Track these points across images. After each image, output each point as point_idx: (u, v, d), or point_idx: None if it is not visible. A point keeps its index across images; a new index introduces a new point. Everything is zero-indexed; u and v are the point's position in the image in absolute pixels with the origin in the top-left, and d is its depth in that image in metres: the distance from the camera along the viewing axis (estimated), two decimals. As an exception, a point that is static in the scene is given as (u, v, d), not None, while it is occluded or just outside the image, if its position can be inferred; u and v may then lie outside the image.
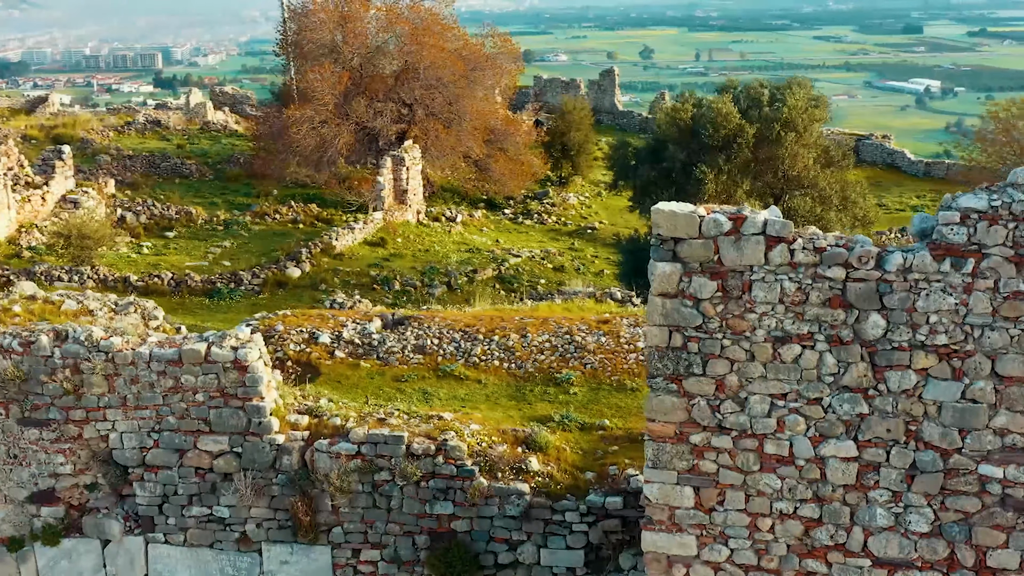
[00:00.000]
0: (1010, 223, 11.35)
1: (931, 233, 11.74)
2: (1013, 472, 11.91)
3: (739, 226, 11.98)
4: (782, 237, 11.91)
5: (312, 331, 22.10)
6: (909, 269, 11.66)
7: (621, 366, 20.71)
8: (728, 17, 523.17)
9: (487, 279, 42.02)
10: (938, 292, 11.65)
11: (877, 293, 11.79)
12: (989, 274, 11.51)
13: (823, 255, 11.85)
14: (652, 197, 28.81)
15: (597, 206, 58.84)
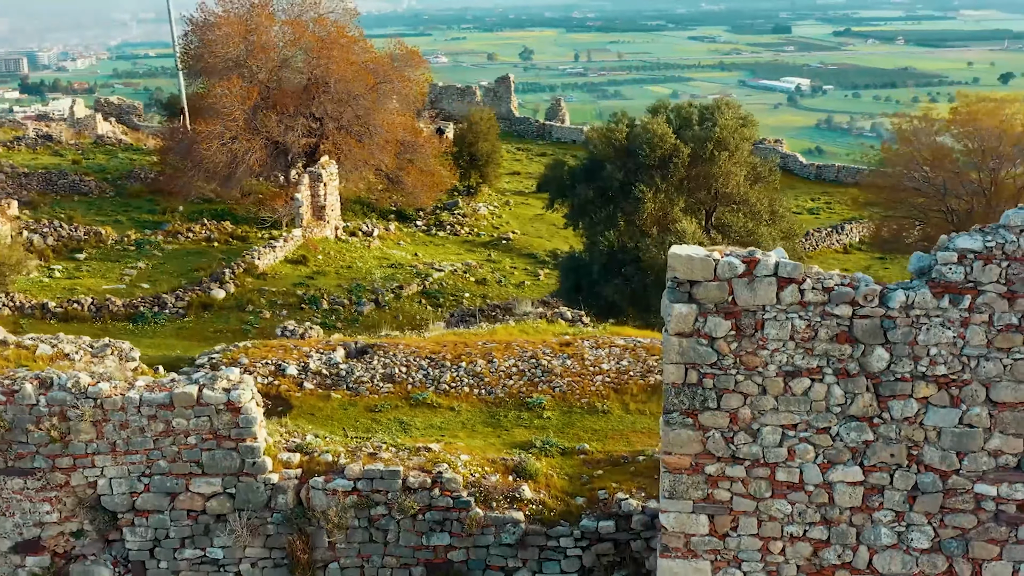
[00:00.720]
0: (1003, 262, 12.32)
1: (928, 271, 12.64)
2: (1006, 490, 12.90)
3: (752, 268, 12.67)
4: (793, 278, 12.65)
5: (278, 363, 22.12)
6: (911, 305, 12.53)
7: (589, 388, 21.32)
8: (605, 18, 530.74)
9: (413, 295, 42.29)
10: (938, 326, 12.56)
11: (881, 328, 12.63)
12: (984, 309, 12.46)
13: (831, 294, 12.64)
14: (591, 216, 29.60)
15: (507, 215, 59.56)
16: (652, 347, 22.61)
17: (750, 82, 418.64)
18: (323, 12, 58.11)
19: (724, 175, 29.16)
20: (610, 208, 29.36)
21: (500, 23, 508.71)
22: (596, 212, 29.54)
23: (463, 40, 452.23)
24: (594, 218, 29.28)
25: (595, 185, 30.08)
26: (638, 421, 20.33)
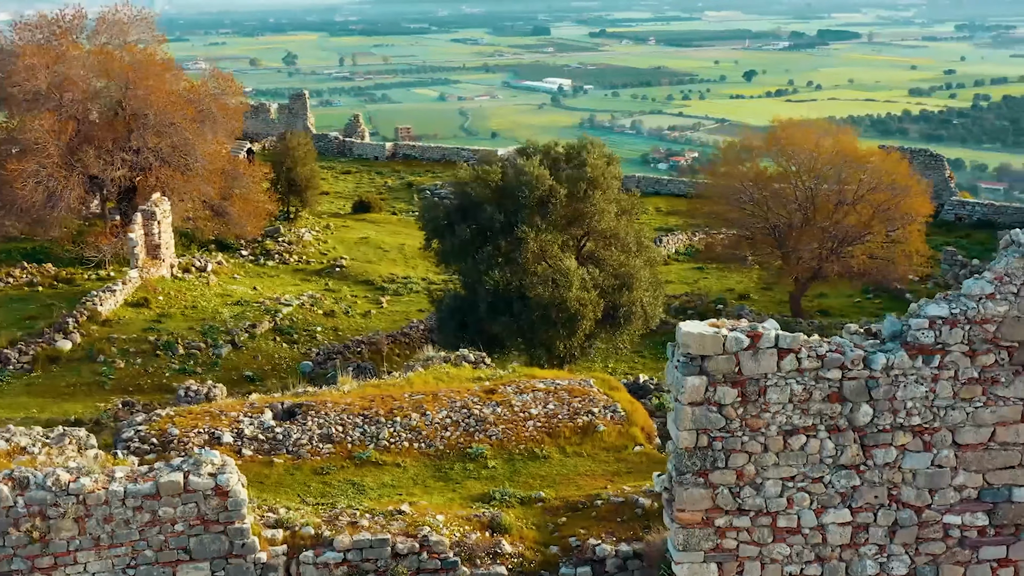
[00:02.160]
0: (965, 325, 14.32)
1: (900, 335, 14.52)
2: (969, 518, 14.97)
3: (756, 342, 14.15)
4: (791, 348, 14.23)
5: (211, 431, 22.05)
6: (891, 367, 14.36)
7: (523, 435, 22.42)
8: (367, 21, 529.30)
9: (266, 332, 42.05)
10: (913, 383, 14.45)
11: (866, 387, 14.41)
12: (951, 366, 14.44)
13: (824, 360, 14.30)
14: (474, 256, 30.60)
15: (332, 240, 59.55)
16: (572, 388, 23.93)
17: (514, 83, 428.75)
18: (131, 40, 56.42)
19: (599, 212, 30.86)
20: (489, 248, 30.46)
21: (260, 27, 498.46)
22: (476, 252, 30.57)
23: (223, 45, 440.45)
24: (476, 257, 30.31)
25: (473, 225, 31.09)
26: (580, 464, 21.58)
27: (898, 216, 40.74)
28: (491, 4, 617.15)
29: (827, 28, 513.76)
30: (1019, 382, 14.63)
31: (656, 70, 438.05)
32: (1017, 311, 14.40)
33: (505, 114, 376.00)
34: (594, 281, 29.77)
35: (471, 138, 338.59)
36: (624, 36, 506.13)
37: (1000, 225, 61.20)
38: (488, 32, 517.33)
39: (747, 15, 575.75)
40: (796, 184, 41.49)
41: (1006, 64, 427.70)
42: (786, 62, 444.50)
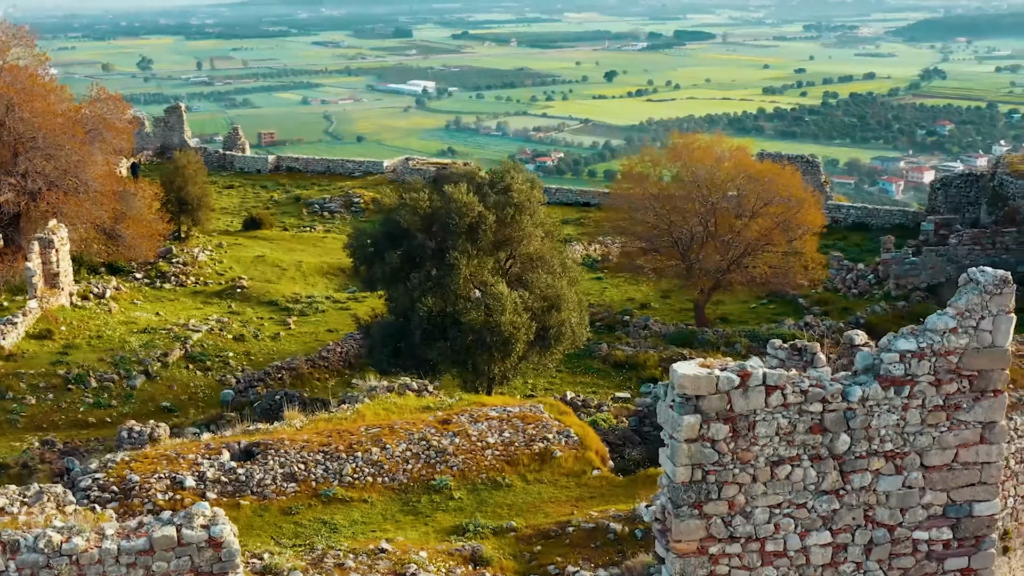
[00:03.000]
0: (932, 357, 15.57)
1: (872, 368, 15.69)
2: (935, 533, 16.26)
3: (746, 380, 15.10)
4: (778, 385, 15.22)
5: (171, 475, 21.95)
6: (866, 398, 15.51)
7: (483, 464, 23.00)
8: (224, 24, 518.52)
9: (178, 361, 41.49)
10: (885, 412, 15.63)
11: (844, 418, 15.52)
12: (919, 395, 15.67)
13: (807, 395, 15.35)
14: (405, 283, 30.94)
15: (227, 259, 58.77)
16: (524, 415, 24.62)
17: (378, 86, 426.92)
18: (10, 59, 54.61)
19: (526, 236, 31.62)
20: (421, 275, 30.88)
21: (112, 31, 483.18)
22: (407, 279, 30.94)
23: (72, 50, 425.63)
24: (409, 285, 30.67)
25: (402, 251, 31.44)
26: (543, 491, 22.28)
27: (795, 227, 42.77)
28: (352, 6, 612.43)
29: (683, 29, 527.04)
30: (978, 407, 15.97)
31: (519, 71, 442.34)
32: (976, 342, 15.71)
33: (370, 117, 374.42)
34: (525, 304, 30.51)
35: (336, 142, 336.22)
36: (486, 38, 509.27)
37: (873, 227, 64.53)
38: (349, 34, 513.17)
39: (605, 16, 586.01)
40: (698, 199, 43.05)
41: (851, 62, 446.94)
42: (645, 62, 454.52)
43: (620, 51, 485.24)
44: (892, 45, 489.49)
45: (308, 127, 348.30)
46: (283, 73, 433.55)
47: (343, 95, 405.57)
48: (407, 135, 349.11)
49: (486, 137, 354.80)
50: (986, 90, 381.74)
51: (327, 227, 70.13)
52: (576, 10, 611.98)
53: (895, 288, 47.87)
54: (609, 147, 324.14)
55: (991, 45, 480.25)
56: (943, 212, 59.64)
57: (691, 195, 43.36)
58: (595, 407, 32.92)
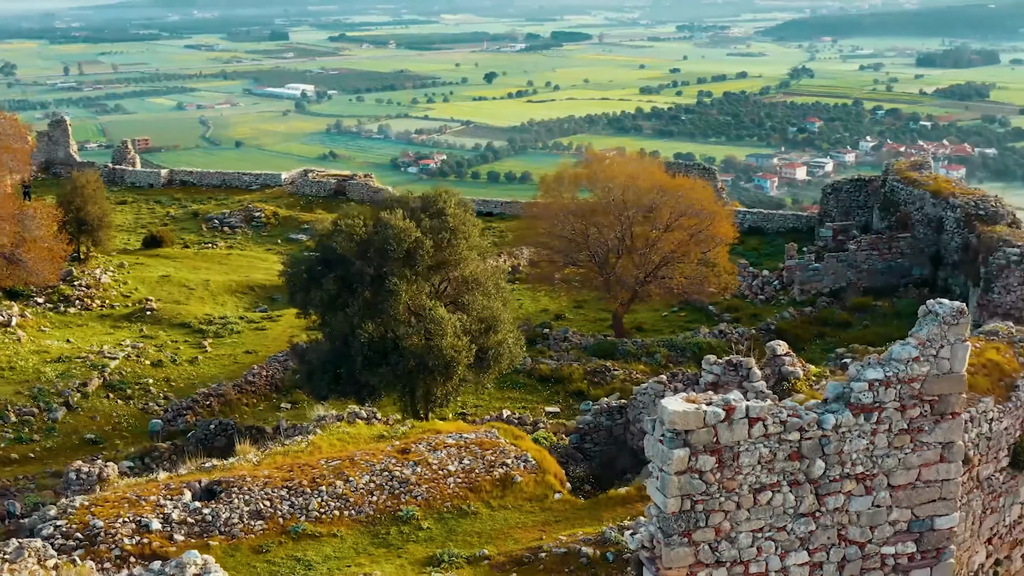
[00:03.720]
0: (897, 385, 16.68)
1: (843, 396, 16.72)
2: (901, 547, 17.41)
3: (731, 414, 15.95)
4: (759, 417, 16.12)
5: (136, 519, 21.77)
6: (839, 425, 16.53)
7: (447, 492, 23.43)
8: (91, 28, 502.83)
9: (98, 390, 40.74)
10: (856, 437, 16.68)
11: (820, 445, 16.51)
12: (886, 420, 16.77)
13: (786, 425, 16.28)
14: (345, 311, 31.05)
15: (132, 280, 57.61)
16: (481, 442, 25.12)
17: (256, 90, 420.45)
18: None
19: (462, 260, 32.09)
20: (360, 302, 31.06)
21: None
22: (346, 306, 31.08)
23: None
24: (348, 312, 30.82)
25: (338, 277, 31.56)
26: (509, 517, 22.82)
27: (709, 239, 44.23)
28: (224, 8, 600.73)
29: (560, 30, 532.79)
30: (938, 429, 17.16)
31: (399, 73, 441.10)
32: (936, 369, 16.89)
33: (248, 122, 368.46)
34: (464, 327, 30.99)
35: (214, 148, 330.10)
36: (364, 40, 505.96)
37: (768, 231, 66.89)
38: (223, 37, 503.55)
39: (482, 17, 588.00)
40: (614, 213, 44.11)
41: (723, 62, 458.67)
42: (524, 63, 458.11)
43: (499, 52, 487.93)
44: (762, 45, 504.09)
45: (184, 133, 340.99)
46: (155, 78, 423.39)
47: (219, 99, 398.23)
48: (287, 139, 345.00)
49: (368, 140, 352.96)
50: (851, 88, 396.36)
51: (229, 243, 69.26)
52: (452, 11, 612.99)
53: (800, 293, 49.87)
54: (491, 149, 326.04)
55: (855, 44, 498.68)
56: (835, 216, 62.24)
57: (607, 209, 44.40)
58: (531, 425, 33.57)
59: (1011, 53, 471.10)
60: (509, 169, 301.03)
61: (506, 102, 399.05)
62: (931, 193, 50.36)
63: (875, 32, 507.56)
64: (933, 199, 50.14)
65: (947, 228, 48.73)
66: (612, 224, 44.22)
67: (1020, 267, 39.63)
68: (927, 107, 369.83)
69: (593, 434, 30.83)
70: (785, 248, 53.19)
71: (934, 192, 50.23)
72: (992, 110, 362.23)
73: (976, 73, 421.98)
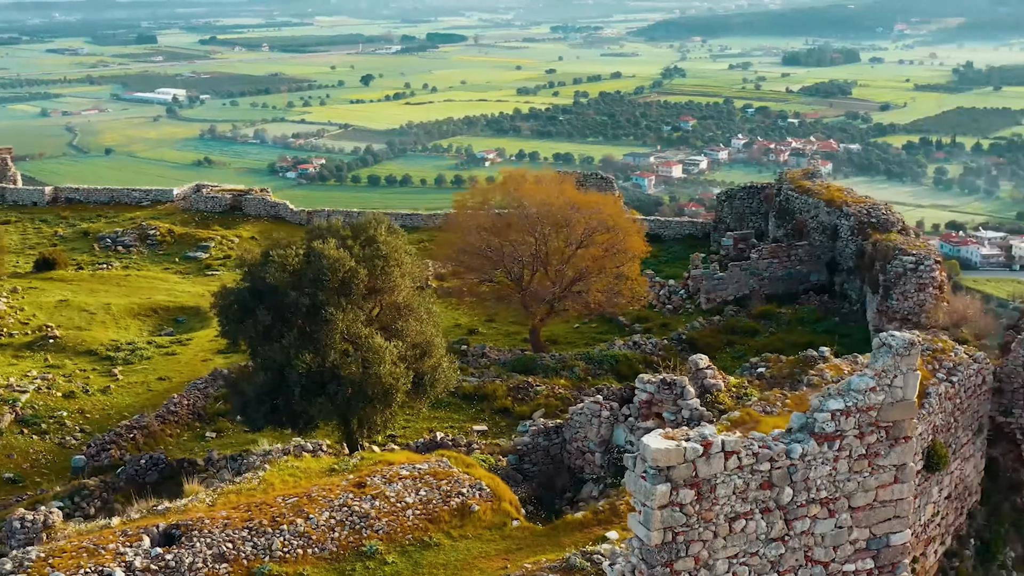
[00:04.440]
0: (856, 414, 17.82)
1: (807, 426, 17.78)
2: (861, 564, 18.58)
3: (708, 449, 16.81)
4: (734, 451, 17.03)
5: (100, 569, 21.56)
6: (806, 454, 17.57)
7: (406, 524, 23.81)
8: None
9: (10, 425, 39.72)
10: (820, 464, 17.76)
11: (788, 474, 17.53)
12: (847, 447, 17.90)
13: (757, 456, 17.24)
14: (280, 341, 30.93)
15: (28, 306, 55.92)
16: (435, 471, 25.54)
17: (124, 95, 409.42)
18: None
19: (397, 288, 32.35)
20: (294, 332, 31.05)
21: None
22: (280, 337, 31.02)
23: None
24: (284, 342, 30.76)
25: (271, 307, 31.46)
26: (471, 547, 23.32)
27: (621, 253, 45.33)
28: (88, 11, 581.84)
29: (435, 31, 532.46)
30: (893, 453, 18.38)
31: (273, 77, 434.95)
32: (891, 398, 18.09)
33: (118, 128, 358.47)
34: (400, 353, 31.28)
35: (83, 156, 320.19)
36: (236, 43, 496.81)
37: (665, 238, 68.65)
38: (88, 41, 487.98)
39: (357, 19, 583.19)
40: (529, 230, 44.85)
41: (598, 62, 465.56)
42: (401, 65, 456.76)
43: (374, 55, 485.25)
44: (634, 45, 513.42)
45: (49, 140, 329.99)
46: (16, 83, 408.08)
47: (86, 105, 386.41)
48: (159, 146, 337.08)
49: (244, 145, 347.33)
50: (722, 87, 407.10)
51: (125, 263, 67.73)
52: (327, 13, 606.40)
53: (706, 302, 51.52)
54: (371, 152, 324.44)
55: (723, 44, 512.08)
56: (729, 222, 64.36)
57: (522, 225, 45.12)
58: (465, 447, 34.04)
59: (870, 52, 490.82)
60: (390, 172, 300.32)
61: (384, 104, 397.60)
62: (825, 202, 52.59)
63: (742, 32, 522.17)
64: (827, 207, 52.38)
65: (842, 235, 50.98)
66: (527, 240, 44.96)
67: (916, 275, 41.82)
68: (794, 105, 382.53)
69: (531, 454, 31.50)
70: (685, 255, 54.78)
71: (828, 201, 52.47)
72: (855, 107, 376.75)
73: (838, 71, 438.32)
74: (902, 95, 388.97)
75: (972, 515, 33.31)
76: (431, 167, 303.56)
